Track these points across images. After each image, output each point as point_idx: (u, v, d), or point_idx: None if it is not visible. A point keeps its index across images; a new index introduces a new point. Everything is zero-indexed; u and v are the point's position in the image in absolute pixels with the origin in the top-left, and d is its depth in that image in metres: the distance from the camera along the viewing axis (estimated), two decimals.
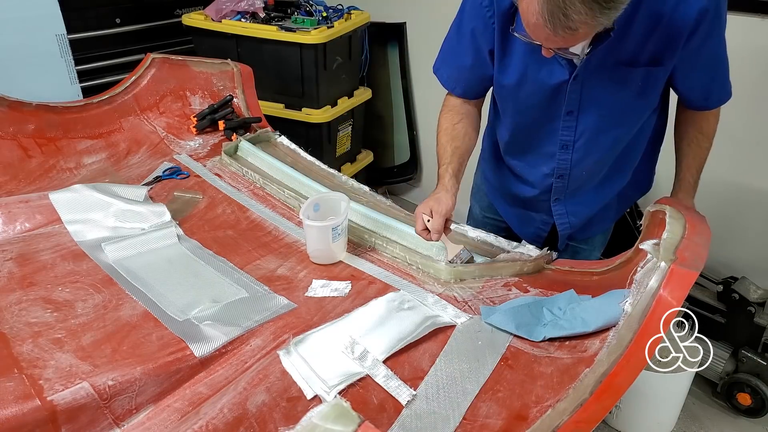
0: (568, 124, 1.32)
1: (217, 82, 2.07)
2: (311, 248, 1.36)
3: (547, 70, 1.25)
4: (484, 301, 1.21)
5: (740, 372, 1.95)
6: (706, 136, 1.38)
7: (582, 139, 1.33)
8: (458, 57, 1.38)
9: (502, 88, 1.36)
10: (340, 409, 0.69)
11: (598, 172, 1.41)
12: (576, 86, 1.25)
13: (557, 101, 1.29)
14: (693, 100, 1.33)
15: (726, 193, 2.08)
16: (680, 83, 1.28)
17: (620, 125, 1.31)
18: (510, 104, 1.39)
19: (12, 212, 1.46)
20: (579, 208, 1.47)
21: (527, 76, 1.28)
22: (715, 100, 1.33)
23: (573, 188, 1.43)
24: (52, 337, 1.07)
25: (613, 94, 1.25)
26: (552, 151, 1.38)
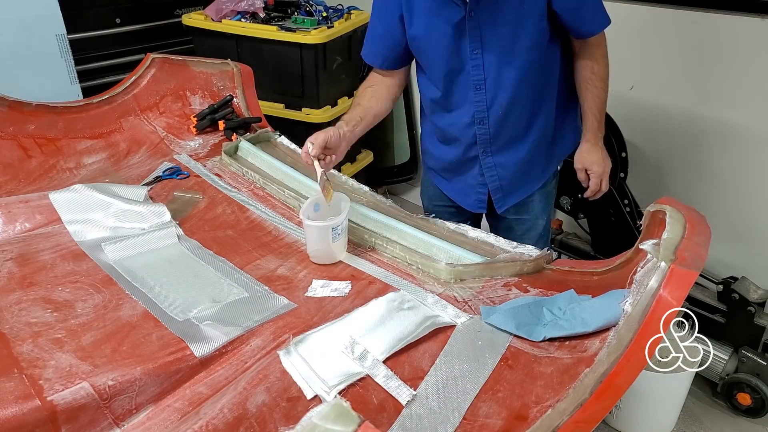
0: (476, 63, 1.45)
1: (217, 82, 2.07)
2: (311, 248, 1.36)
3: (447, 11, 1.40)
4: (484, 301, 1.21)
5: (740, 372, 1.95)
6: (598, 76, 1.51)
7: (491, 76, 1.46)
8: (374, 30, 1.56)
9: (415, 40, 1.49)
10: (340, 409, 0.69)
11: (515, 115, 1.52)
12: (474, 23, 1.40)
13: (464, 41, 1.43)
14: (575, 26, 1.45)
15: (726, 193, 2.08)
16: (557, 5, 1.39)
17: (520, 53, 1.43)
18: (426, 55, 1.52)
19: (12, 212, 1.46)
20: (505, 158, 1.58)
21: (432, 23, 1.44)
22: (592, 24, 1.46)
23: (495, 135, 1.54)
24: (52, 337, 1.07)
25: (504, 24, 1.39)
26: (469, 96, 1.50)
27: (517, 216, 1.67)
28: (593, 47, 1.49)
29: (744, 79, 1.93)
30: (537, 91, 1.51)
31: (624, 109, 2.16)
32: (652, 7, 2.06)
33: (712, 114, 2.03)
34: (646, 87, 2.17)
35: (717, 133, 2.04)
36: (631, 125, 2.16)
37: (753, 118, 1.95)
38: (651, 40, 2.10)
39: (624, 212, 2.10)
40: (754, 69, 1.89)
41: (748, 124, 1.96)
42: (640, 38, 2.13)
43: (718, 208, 2.08)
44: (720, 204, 2.09)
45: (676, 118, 2.13)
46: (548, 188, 1.68)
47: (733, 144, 2.02)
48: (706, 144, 2.08)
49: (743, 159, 2.01)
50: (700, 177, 2.13)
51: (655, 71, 2.13)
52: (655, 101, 2.16)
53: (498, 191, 1.63)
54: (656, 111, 2.17)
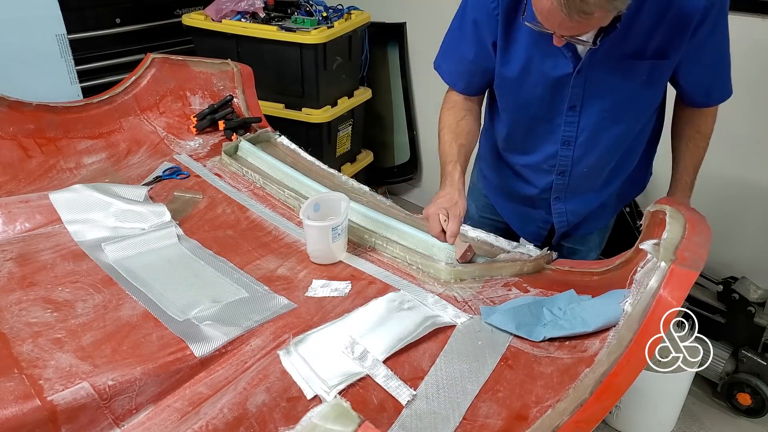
0: (571, 119, 1.31)
1: (217, 82, 2.07)
2: (311, 248, 1.36)
3: (552, 62, 1.24)
4: (484, 301, 1.21)
5: (740, 372, 1.95)
6: (703, 135, 1.38)
7: (584, 136, 1.32)
8: (460, 50, 1.37)
9: (504, 80, 1.34)
10: (340, 409, 0.69)
11: (599, 171, 1.40)
12: (580, 80, 1.24)
13: (560, 95, 1.28)
14: (694, 96, 1.32)
15: (726, 193, 2.08)
16: (683, 78, 1.27)
17: (622, 122, 1.30)
18: (511, 98, 1.37)
19: (12, 212, 1.46)
20: (579, 207, 1.47)
21: (530, 69, 1.27)
22: (716, 97, 1.33)
23: (573, 186, 1.42)
24: (52, 337, 1.07)
25: (617, 88, 1.24)
26: (553, 148, 1.36)
27: (571, 246, 1.57)
28: (707, 111, 1.36)
29: (744, 79, 1.92)
30: (629, 150, 1.39)
31: None
32: None
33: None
34: None
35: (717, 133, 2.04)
36: None
37: (753, 117, 1.95)
38: None
39: (624, 212, 2.10)
40: (754, 69, 1.89)
41: (748, 123, 1.96)
42: None
43: (719, 208, 2.08)
44: (720, 204, 2.08)
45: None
46: (609, 224, 1.60)
47: (733, 143, 2.01)
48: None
49: (743, 158, 2.01)
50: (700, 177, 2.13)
51: None
52: None
53: (561, 231, 1.52)
54: None
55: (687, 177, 1.40)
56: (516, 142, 1.44)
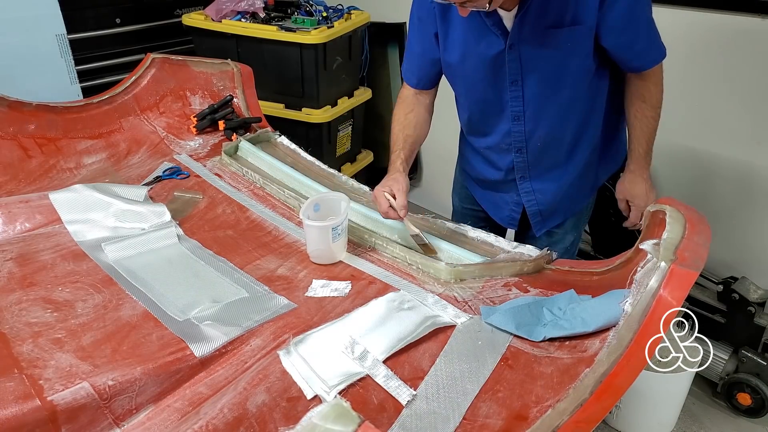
0: (515, 94, 1.38)
1: (217, 82, 2.07)
2: (311, 248, 1.36)
3: (485, 42, 1.33)
4: (484, 301, 1.21)
5: (740, 372, 1.95)
6: (649, 105, 1.40)
7: (531, 108, 1.39)
8: (411, 48, 1.49)
9: (449, 66, 1.43)
10: (340, 409, 0.69)
11: (557, 144, 1.45)
12: (514, 55, 1.32)
13: (501, 72, 1.36)
14: (626, 61, 1.35)
15: (726, 193, 2.08)
16: (608, 44, 1.31)
17: (562, 90, 1.36)
18: (460, 82, 1.47)
19: (12, 212, 1.46)
20: (545, 185, 1.51)
21: (469, 52, 1.37)
22: (647, 59, 1.36)
23: (534, 163, 1.48)
24: (52, 337, 1.07)
25: (547, 58, 1.31)
26: (506, 126, 1.44)
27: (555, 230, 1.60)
28: (647, 77, 1.39)
29: (744, 78, 1.93)
30: (581, 122, 1.43)
31: None
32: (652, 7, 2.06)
33: (711, 113, 2.03)
34: None
35: (717, 132, 2.04)
36: None
37: (752, 117, 1.95)
38: None
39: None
40: (753, 69, 1.89)
41: (748, 123, 1.96)
42: None
43: (719, 208, 2.08)
44: (720, 204, 2.08)
45: (675, 118, 2.13)
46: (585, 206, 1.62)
47: (732, 143, 2.01)
48: (705, 143, 2.08)
49: (743, 158, 2.01)
50: (700, 177, 2.13)
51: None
52: None
53: (537, 215, 1.56)
54: None
55: (640, 148, 1.44)
56: (474, 125, 1.53)
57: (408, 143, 1.47)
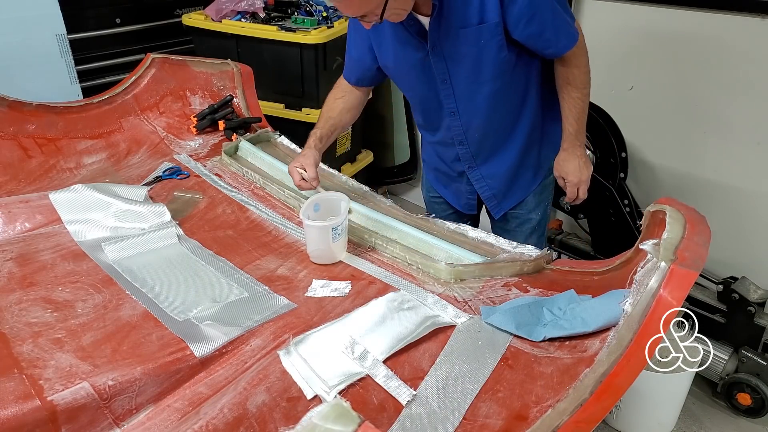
0: (447, 92, 1.48)
1: (217, 82, 2.07)
2: (311, 248, 1.36)
3: (411, 47, 1.43)
4: (484, 301, 1.21)
5: (740, 372, 1.95)
6: (574, 86, 1.48)
7: (463, 104, 1.49)
8: (349, 52, 1.60)
9: (387, 69, 1.54)
10: (340, 409, 0.69)
11: (495, 132, 1.55)
12: (437, 56, 1.41)
13: (431, 74, 1.45)
14: (542, 49, 1.42)
15: (726, 193, 2.08)
16: (516, 35, 1.37)
17: (486, 83, 1.44)
18: (401, 84, 1.60)
19: (12, 212, 1.46)
20: (492, 170, 1.61)
21: (398, 56, 1.47)
22: (557, 46, 1.41)
23: (477, 152, 1.58)
24: (52, 337, 1.07)
25: (465, 56, 1.40)
26: (446, 122, 1.54)
27: (511, 210, 1.69)
28: (567, 61, 1.45)
29: (744, 78, 1.93)
30: (513, 109, 1.52)
31: (624, 109, 2.16)
32: (653, 7, 2.06)
33: (712, 113, 2.03)
34: (646, 87, 2.17)
35: (717, 133, 2.04)
36: (631, 125, 2.16)
37: (753, 117, 1.95)
38: (651, 40, 2.10)
39: (624, 212, 2.10)
40: (754, 69, 1.89)
41: (748, 123, 1.96)
42: (640, 38, 2.12)
43: (719, 208, 2.08)
44: (720, 204, 2.08)
45: (675, 118, 2.13)
46: (542, 185, 1.69)
47: (733, 143, 2.02)
48: (706, 144, 2.08)
49: (743, 158, 2.01)
50: (700, 177, 2.13)
51: (655, 71, 2.13)
52: (655, 101, 2.16)
53: (492, 199, 1.66)
54: (656, 111, 2.17)
55: (570, 127, 1.52)
56: (423, 122, 1.64)
57: (328, 124, 1.59)
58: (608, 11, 2.18)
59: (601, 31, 2.21)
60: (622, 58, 2.19)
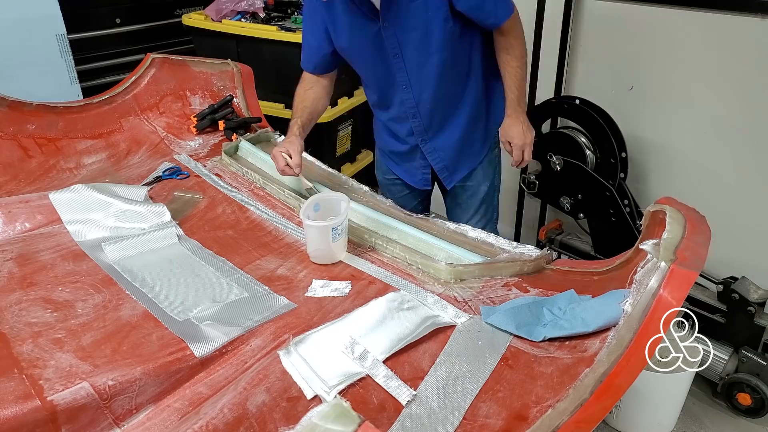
0: (399, 66, 1.57)
1: (217, 82, 2.07)
2: (311, 248, 1.36)
3: (364, 24, 1.51)
4: (484, 301, 1.21)
5: (740, 372, 1.95)
6: (513, 56, 1.60)
7: (414, 76, 1.58)
8: (306, 39, 1.68)
9: (344, 51, 1.62)
10: (340, 409, 0.69)
11: (444, 103, 1.64)
12: (389, 31, 1.50)
13: (384, 49, 1.54)
14: (482, 19, 1.52)
15: (726, 193, 2.08)
16: (459, 6, 1.47)
17: (433, 54, 1.53)
18: (356, 64, 1.66)
19: (12, 212, 1.46)
20: (443, 141, 1.71)
21: (353, 35, 1.55)
22: (496, 16, 1.53)
23: (429, 125, 1.67)
24: (52, 337, 1.07)
25: (414, 28, 1.50)
26: (400, 96, 1.63)
27: (461, 183, 1.80)
28: (505, 32, 1.57)
29: (744, 78, 1.93)
30: (460, 79, 1.62)
31: (624, 109, 2.16)
32: (653, 7, 2.06)
33: (712, 114, 2.03)
34: (646, 87, 2.17)
35: (717, 133, 2.04)
36: (631, 125, 2.16)
37: (753, 117, 1.95)
38: (651, 40, 2.10)
39: (624, 212, 2.10)
40: (754, 69, 1.89)
41: (748, 123, 1.96)
42: (640, 38, 2.12)
43: (718, 208, 2.08)
44: (720, 204, 2.08)
45: (675, 118, 2.13)
46: (489, 157, 1.80)
47: (733, 144, 2.01)
48: (706, 144, 2.08)
49: (743, 159, 2.01)
50: (700, 177, 2.13)
51: (655, 71, 2.13)
52: (655, 101, 2.16)
53: (444, 171, 1.76)
54: (656, 111, 2.16)
55: (512, 94, 1.64)
56: (378, 101, 1.72)
57: (305, 113, 1.66)
58: (608, 11, 2.18)
59: (601, 31, 2.21)
60: (622, 58, 2.19)
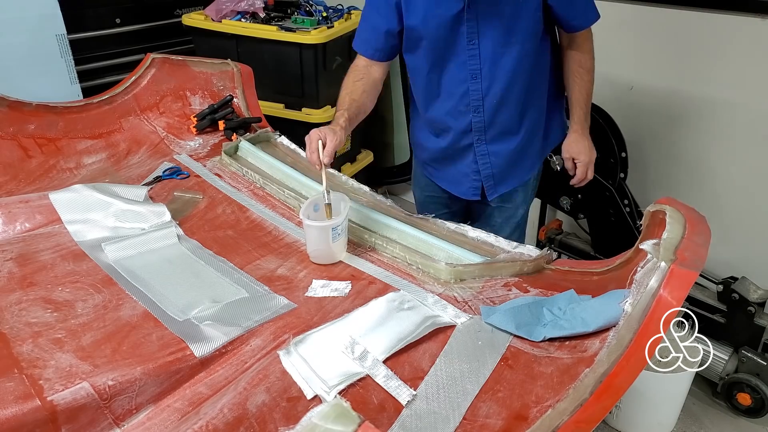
0: (473, 53, 1.51)
1: (217, 82, 2.07)
2: (311, 248, 1.36)
3: (446, 3, 1.45)
4: (484, 301, 1.21)
5: (740, 372, 1.95)
6: (585, 68, 1.59)
7: (486, 66, 1.52)
8: (370, 20, 1.59)
9: (413, 30, 1.53)
10: (340, 409, 0.69)
11: (509, 105, 1.58)
12: (472, 14, 1.45)
13: (459, 32, 1.48)
14: (566, 18, 1.52)
15: (726, 193, 2.08)
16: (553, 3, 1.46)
17: (512, 46, 1.49)
18: (422, 44, 1.55)
19: (12, 212, 1.46)
20: (498, 147, 1.64)
21: (429, 14, 1.48)
22: (583, 18, 1.54)
23: (489, 124, 1.60)
24: (52, 337, 1.07)
25: (500, 16, 1.45)
26: (464, 86, 1.56)
27: (500, 204, 1.74)
28: (581, 41, 1.56)
29: (744, 79, 1.93)
30: (530, 83, 1.57)
31: (624, 109, 2.16)
32: (652, 7, 2.06)
33: (712, 114, 2.03)
34: (646, 87, 2.17)
35: (717, 133, 2.04)
36: (631, 125, 2.16)
37: (753, 118, 1.95)
38: (651, 40, 2.10)
39: (624, 212, 2.10)
40: (754, 69, 1.89)
41: (749, 124, 1.96)
42: (640, 38, 2.13)
43: (718, 208, 2.08)
44: (720, 204, 2.08)
45: (676, 119, 2.13)
46: (535, 179, 1.76)
47: (733, 144, 2.02)
48: (706, 144, 2.08)
49: (744, 159, 2.01)
50: (700, 177, 2.13)
51: (655, 71, 2.13)
52: (655, 101, 2.16)
53: (489, 179, 1.69)
54: (656, 111, 2.17)
55: (580, 110, 1.61)
56: (434, 91, 1.61)
57: (354, 106, 1.55)
58: (608, 11, 2.17)
59: (601, 31, 2.21)
60: (622, 58, 2.19)
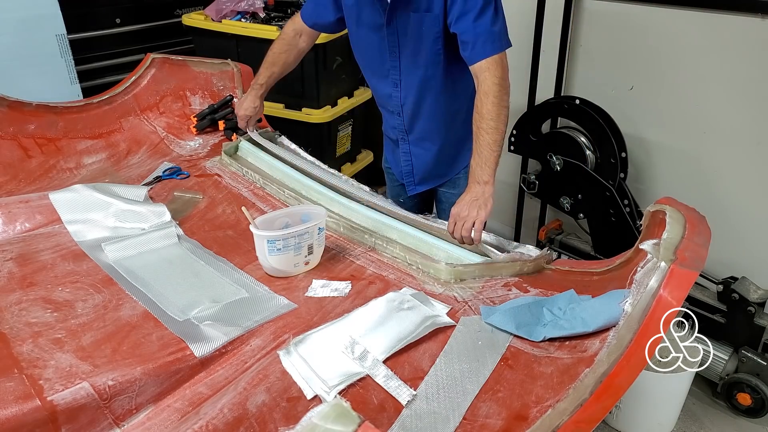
0: (393, 63, 1.58)
1: (217, 82, 2.07)
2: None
3: (370, 12, 1.53)
4: (484, 301, 1.21)
5: (740, 372, 1.95)
6: (482, 116, 1.38)
7: (404, 78, 1.59)
8: None
9: (351, 33, 1.65)
10: (340, 409, 0.69)
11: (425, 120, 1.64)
12: (392, 29, 1.52)
13: (385, 42, 1.55)
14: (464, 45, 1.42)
15: (726, 193, 2.08)
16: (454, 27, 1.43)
17: (419, 67, 1.55)
18: (356, 45, 1.67)
19: (12, 212, 1.46)
20: (418, 150, 1.72)
21: (361, 20, 1.57)
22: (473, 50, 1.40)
23: (409, 129, 1.68)
24: (52, 337, 1.07)
25: (411, 36, 1.51)
26: (390, 90, 1.64)
27: (447, 190, 1.79)
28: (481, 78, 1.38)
29: (744, 79, 1.93)
30: (445, 104, 1.61)
31: (624, 109, 2.16)
32: (653, 8, 2.06)
33: (712, 114, 2.03)
34: (646, 87, 2.17)
35: (717, 134, 2.04)
36: (631, 125, 2.16)
37: (753, 118, 1.95)
38: (651, 40, 2.10)
39: (624, 212, 2.10)
40: (754, 69, 1.89)
41: (748, 124, 1.96)
42: (640, 38, 2.12)
43: (718, 208, 2.08)
44: (720, 204, 2.08)
45: (675, 118, 2.13)
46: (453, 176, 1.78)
47: (733, 144, 2.01)
48: (706, 144, 2.08)
49: (743, 159, 2.01)
50: (700, 177, 2.13)
51: (655, 71, 2.13)
52: (655, 101, 2.16)
53: (409, 175, 1.78)
54: (656, 111, 2.16)
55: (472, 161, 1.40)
56: (373, 86, 1.73)
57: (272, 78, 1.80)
58: (608, 11, 2.18)
59: (601, 31, 2.21)
60: (622, 58, 2.18)
